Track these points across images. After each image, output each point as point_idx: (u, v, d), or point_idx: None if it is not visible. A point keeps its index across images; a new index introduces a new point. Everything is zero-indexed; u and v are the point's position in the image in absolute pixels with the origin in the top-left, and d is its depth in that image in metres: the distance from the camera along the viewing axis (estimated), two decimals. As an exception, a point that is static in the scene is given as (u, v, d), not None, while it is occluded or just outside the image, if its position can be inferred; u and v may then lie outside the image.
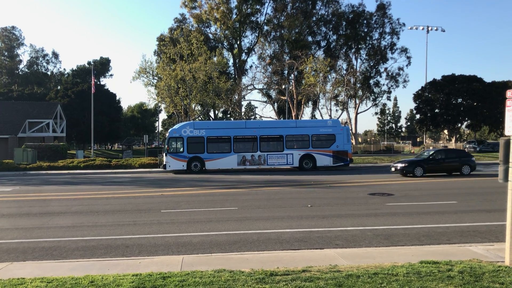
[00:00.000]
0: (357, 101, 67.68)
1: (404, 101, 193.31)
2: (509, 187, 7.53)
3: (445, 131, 72.39)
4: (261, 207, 15.09)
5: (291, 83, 56.63)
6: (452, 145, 63.53)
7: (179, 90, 45.86)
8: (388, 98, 71.64)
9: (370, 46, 66.56)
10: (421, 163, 25.69)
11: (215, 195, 18.89)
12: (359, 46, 66.59)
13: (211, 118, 67.35)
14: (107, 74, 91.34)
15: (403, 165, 25.85)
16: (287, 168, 32.87)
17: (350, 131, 41.38)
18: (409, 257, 8.26)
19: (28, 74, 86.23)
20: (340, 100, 63.99)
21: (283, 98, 54.82)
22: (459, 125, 65.28)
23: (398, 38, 66.06)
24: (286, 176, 27.73)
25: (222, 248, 9.46)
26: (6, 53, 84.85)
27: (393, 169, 26.72)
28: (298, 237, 10.38)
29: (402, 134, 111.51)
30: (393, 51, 66.22)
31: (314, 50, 65.68)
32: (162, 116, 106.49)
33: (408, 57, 66.75)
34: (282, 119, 60.22)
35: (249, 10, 64.37)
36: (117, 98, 79.69)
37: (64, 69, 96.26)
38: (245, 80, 64.68)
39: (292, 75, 57.89)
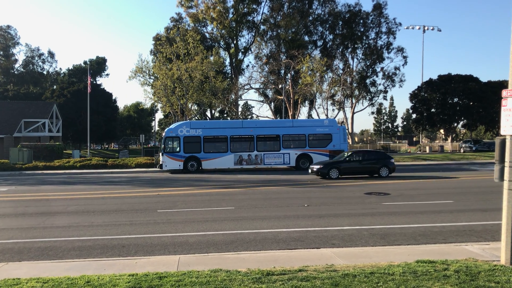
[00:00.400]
0: (354, 101, 67.76)
1: (401, 100, 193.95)
2: (505, 186, 7.56)
3: (441, 131, 72.60)
4: (258, 206, 15.10)
5: (287, 82, 56.64)
6: (448, 144, 63.76)
7: (175, 90, 45.77)
8: (385, 98, 71.78)
9: (366, 45, 66.62)
10: (336, 165, 24.69)
11: (211, 194, 18.88)
12: (356, 46, 66.63)
13: (207, 118, 67.30)
14: (103, 73, 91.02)
15: (318, 166, 24.75)
16: (284, 167, 32.88)
17: (347, 131, 41.41)
18: (406, 256, 8.28)
19: (23, 73, 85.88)
20: (336, 99, 64.00)
21: (280, 97, 54.80)
22: (455, 124, 65.48)
23: (395, 38, 66.04)
24: (283, 175, 27.75)
25: (218, 247, 9.45)
26: (1, 53, 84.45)
27: (310, 170, 25.64)
28: (294, 237, 10.38)
29: (399, 134, 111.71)
30: (390, 50, 66.27)
31: (310, 49, 65.69)
32: (159, 115, 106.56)
33: (405, 57, 66.84)
34: (278, 118, 60.26)
35: (245, 9, 64.30)
36: (114, 97, 79.47)
37: (60, 68, 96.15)
38: (241, 79, 64.64)
39: (289, 75, 57.88)
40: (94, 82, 78.89)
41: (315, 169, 24.80)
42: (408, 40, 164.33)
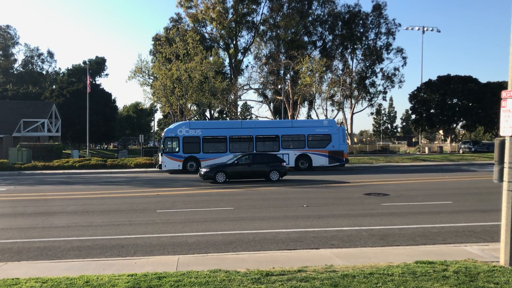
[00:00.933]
0: (353, 101, 67.81)
1: (400, 101, 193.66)
2: (504, 187, 7.57)
3: (441, 132, 72.69)
4: (257, 207, 15.09)
5: (287, 83, 56.67)
6: (447, 145, 63.81)
7: (175, 90, 45.77)
8: (384, 99, 71.83)
9: (366, 46, 66.68)
10: (223, 168, 23.63)
11: (210, 195, 18.87)
12: (355, 46, 66.69)
13: (207, 118, 67.29)
14: (102, 73, 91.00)
15: (205, 170, 23.60)
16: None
17: (346, 131, 41.44)
18: (405, 257, 8.29)
19: (23, 73, 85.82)
20: (336, 100, 64.08)
21: (279, 98, 54.84)
22: (455, 125, 65.52)
23: (394, 39, 66.11)
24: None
25: (217, 248, 9.45)
26: (1, 52, 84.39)
27: (198, 174, 24.37)
28: (293, 237, 10.38)
29: (398, 134, 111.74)
30: (389, 51, 66.37)
31: (310, 50, 65.77)
32: (158, 115, 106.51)
33: (404, 58, 66.94)
34: (278, 119, 60.26)
35: (245, 10, 64.34)
36: (113, 97, 79.43)
37: (60, 68, 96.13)
38: (241, 80, 64.73)
39: (288, 75, 57.93)
40: (94, 82, 78.83)
41: (202, 173, 23.58)
42: (407, 41, 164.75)
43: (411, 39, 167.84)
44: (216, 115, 73.63)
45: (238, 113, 68.86)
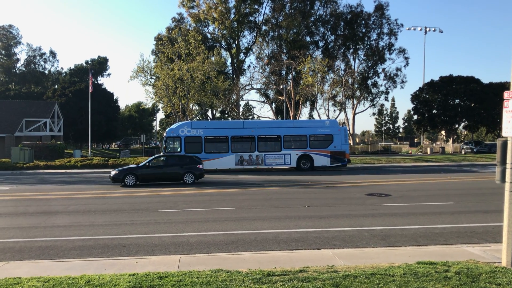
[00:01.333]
0: (355, 102, 67.75)
1: (402, 101, 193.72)
2: (506, 188, 7.54)
3: (443, 132, 72.50)
4: (259, 207, 15.09)
5: (289, 83, 56.62)
6: (449, 146, 63.67)
7: (177, 90, 45.81)
8: (386, 99, 71.78)
9: (368, 46, 66.61)
10: (133, 171, 22.65)
11: (212, 195, 18.88)
12: (357, 47, 66.64)
13: (209, 118, 67.30)
14: (104, 73, 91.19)
15: (114, 172, 22.66)
16: (285, 168, 32.87)
17: (348, 132, 41.35)
18: (406, 257, 8.27)
19: (25, 73, 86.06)
20: (338, 100, 64.00)
21: (281, 98, 54.79)
22: (457, 126, 65.40)
23: (396, 39, 66.22)
24: (284, 176, 27.74)
25: (219, 248, 9.45)
26: (3, 52, 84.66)
27: (109, 177, 23.38)
28: (295, 237, 10.38)
29: (400, 135, 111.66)
30: (391, 51, 66.31)
31: (312, 50, 65.72)
32: (160, 115, 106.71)
33: (406, 58, 66.86)
34: (280, 119, 60.24)
35: (247, 10, 64.34)
36: (115, 97, 79.60)
37: (62, 68, 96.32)
38: (243, 80, 64.69)
39: (290, 75, 57.87)
40: (96, 81, 79.02)
41: (111, 175, 22.72)
42: (409, 41, 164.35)
43: (413, 40, 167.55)
44: (218, 115, 73.64)
45: (240, 113, 68.87)
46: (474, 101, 59.73)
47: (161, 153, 27.35)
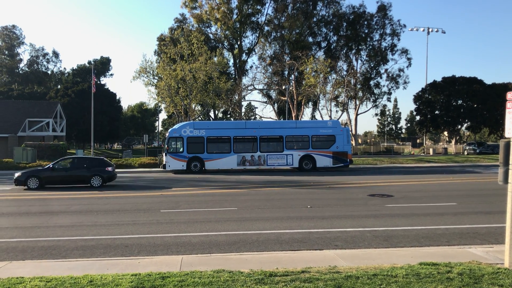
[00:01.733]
0: (357, 102, 67.68)
1: (404, 102, 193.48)
2: (509, 189, 7.53)
3: (445, 133, 72.44)
4: (261, 207, 15.09)
5: (291, 83, 56.61)
6: (452, 146, 63.57)
7: (179, 90, 45.89)
8: (388, 99, 71.64)
9: (370, 47, 66.57)
10: (37, 173, 21.90)
11: (214, 195, 18.89)
12: (360, 47, 66.59)
13: (211, 118, 67.37)
14: (107, 73, 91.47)
15: (18, 174, 21.83)
16: (287, 168, 32.86)
17: (350, 132, 41.36)
18: (408, 258, 8.26)
19: (28, 73, 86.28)
20: (340, 101, 63.98)
21: (283, 98, 54.80)
22: (459, 126, 65.29)
23: (399, 40, 66.22)
24: (286, 176, 27.72)
25: (221, 248, 9.46)
26: (6, 52, 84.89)
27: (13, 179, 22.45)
28: (297, 238, 10.37)
29: (402, 136, 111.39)
30: (394, 52, 66.26)
31: (314, 50, 65.68)
32: (162, 116, 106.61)
33: (409, 59, 66.81)
34: (282, 119, 60.22)
35: (249, 10, 64.37)
36: (117, 97, 79.84)
37: (65, 68, 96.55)
38: (245, 80, 64.73)
39: (293, 76, 57.87)
40: (98, 82, 79.20)
41: (14, 177, 21.93)
42: (412, 42, 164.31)
43: (416, 40, 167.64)
44: (220, 115, 73.71)
45: (242, 114, 68.94)
46: (476, 102, 59.61)
47: (69, 156, 25.51)
